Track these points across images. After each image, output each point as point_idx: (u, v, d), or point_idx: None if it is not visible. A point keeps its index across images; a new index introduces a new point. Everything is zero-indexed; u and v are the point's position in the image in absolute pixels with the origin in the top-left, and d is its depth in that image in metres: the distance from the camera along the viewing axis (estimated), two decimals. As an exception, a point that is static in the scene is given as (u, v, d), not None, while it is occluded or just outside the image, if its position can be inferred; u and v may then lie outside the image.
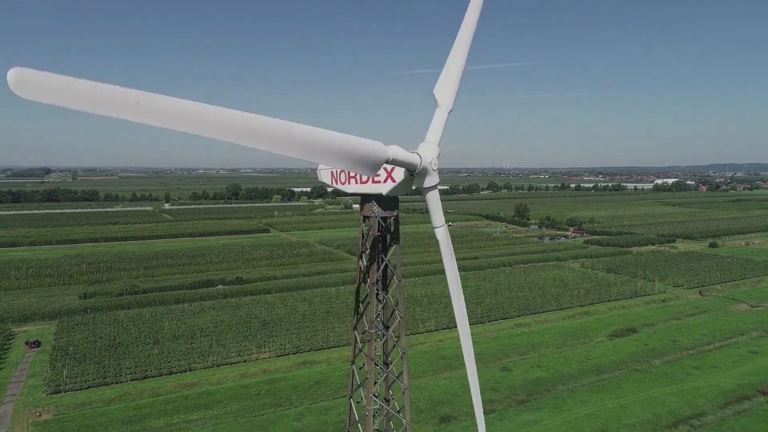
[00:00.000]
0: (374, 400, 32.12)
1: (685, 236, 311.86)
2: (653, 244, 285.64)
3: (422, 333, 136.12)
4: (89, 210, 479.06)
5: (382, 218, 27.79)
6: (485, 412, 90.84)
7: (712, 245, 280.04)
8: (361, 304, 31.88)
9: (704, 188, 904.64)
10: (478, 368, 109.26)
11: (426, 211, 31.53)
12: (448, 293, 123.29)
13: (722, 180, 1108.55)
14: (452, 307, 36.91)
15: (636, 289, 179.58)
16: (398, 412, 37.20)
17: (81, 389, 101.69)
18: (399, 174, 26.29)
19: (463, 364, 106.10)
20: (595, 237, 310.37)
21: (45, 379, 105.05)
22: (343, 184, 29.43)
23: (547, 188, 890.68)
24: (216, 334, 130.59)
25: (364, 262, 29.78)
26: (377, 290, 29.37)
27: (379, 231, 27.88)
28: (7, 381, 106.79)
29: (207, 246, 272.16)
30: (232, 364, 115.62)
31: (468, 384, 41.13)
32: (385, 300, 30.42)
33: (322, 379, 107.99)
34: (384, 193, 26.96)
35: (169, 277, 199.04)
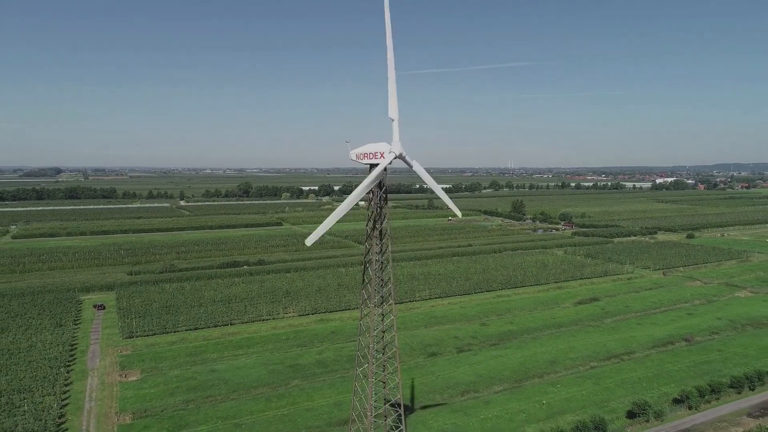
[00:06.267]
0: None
1: (667, 229, 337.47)
2: (635, 235, 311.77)
3: (418, 300, 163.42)
4: (111, 206, 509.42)
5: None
6: (463, 351, 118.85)
7: (689, 236, 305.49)
8: (369, 220, 59.42)
9: (702, 187, 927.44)
10: (461, 326, 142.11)
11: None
12: (440, 271, 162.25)
13: (722, 179, 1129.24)
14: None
15: (606, 270, 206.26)
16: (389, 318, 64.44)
17: (148, 335, 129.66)
18: (386, 155, 54.63)
19: (449, 321, 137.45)
20: (582, 229, 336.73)
21: (119, 328, 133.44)
22: (361, 160, 57.63)
23: (547, 187, 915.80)
24: (248, 300, 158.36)
25: (370, 196, 57.30)
26: (378, 208, 57.05)
27: (377, 181, 56.52)
28: (87, 331, 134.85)
29: (227, 236, 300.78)
30: (263, 320, 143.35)
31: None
32: (380, 213, 57.79)
33: (337, 330, 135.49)
34: (380, 164, 55.54)
35: (200, 260, 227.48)
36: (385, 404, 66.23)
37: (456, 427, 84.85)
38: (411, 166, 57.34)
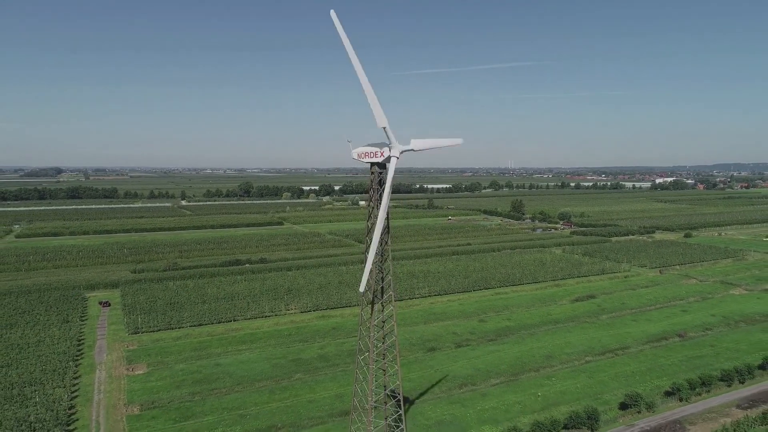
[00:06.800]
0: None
1: (665, 228, 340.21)
2: (633, 235, 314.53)
3: (417, 298, 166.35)
4: (113, 206, 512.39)
5: (378, 173, 59.11)
6: (461, 346, 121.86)
7: (687, 235, 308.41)
8: (369, 216, 62.31)
9: (702, 187, 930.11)
10: (460, 322, 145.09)
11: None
12: (440, 269, 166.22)
13: (722, 179, 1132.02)
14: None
15: (604, 268, 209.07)
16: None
17: (153, 331, 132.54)
18: (386, 153, 57.64)
19: (447, 317, 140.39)
20: (581, 228, 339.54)
21: (125, 324, 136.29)
22: (363, 159, 60.47)
23: (547, 187, 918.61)
24: (251, 297, 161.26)
25: (371, 192, 60.14)
26: (378, 202, 60.11)
27: (378, 178, 59.22)
28: (94, 327, 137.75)
29: (229, 235, 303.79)
30: (266, 317, 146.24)
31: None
32: (380, 206, 60.95)
33: (338, 326, 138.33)
34: (380, 161, 58.14)
35: (202, 258, 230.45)
36: (384, 390, 68.99)
37: (453, 418, 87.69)
38: (394, 157, 58.82)
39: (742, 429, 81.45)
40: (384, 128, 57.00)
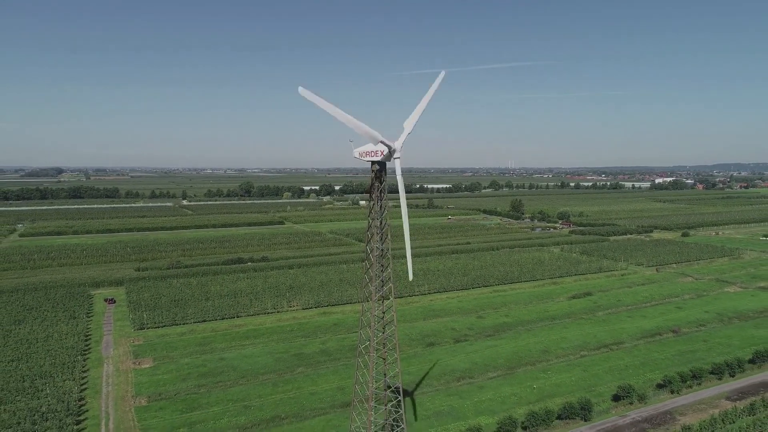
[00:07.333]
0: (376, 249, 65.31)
1: (663, 227, 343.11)
2: (631, 234, 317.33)
3: (417, 295, 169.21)
4: (115, 206, 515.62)
5: (378, 171, 62.16)
6: (459, 341, 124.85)
7: (684, 234, 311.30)
8: (370, 212, 65.23)
9: (701, 187, 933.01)
10: (458, 318, 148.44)
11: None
12: (439, 267, 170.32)
13: (722, 179, 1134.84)
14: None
15: (601, 266, 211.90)
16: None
17: (158, 327, 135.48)
18: (385, 153, 61.04)
19: (446, 314, 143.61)
20: (579, 228, 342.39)
21: (131, 320, 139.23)
22: (363, 158, 63.34)
23: (547, 186, 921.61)
24: (253, 294, 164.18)
25: (372, 190, 63.17)
26: (378, 199, 63.02)
27: (377, 176, 62.20)
28: (100, 324, 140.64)
29: (230, 234, 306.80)
30: (268, 313, 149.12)
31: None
32: (380, 203, 63.71)
33: (339, 322, 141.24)
34: (380, 160, 61.24)
35: (205, 257, 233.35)
36: (384, 377, 71.85)
37: (451, 409, 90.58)
38: (395, 173, 62.40)
39: (729, 419, 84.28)
40: (404, 128, 62.87)
